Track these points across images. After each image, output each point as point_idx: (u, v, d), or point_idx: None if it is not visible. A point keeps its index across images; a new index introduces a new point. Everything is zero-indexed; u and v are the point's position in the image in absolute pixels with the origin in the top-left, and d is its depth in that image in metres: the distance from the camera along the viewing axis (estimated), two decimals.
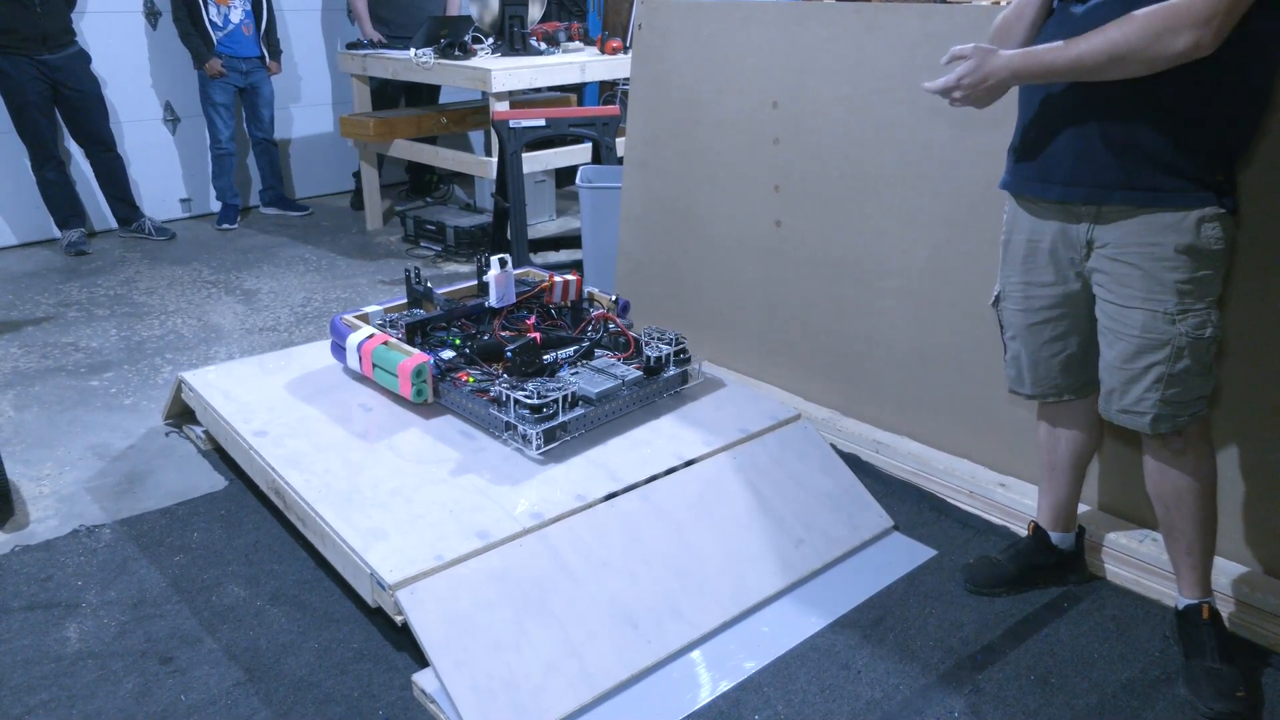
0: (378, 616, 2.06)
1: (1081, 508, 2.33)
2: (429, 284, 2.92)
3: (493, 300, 2.75)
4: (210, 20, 4.92)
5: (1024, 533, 2.29)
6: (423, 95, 5.67)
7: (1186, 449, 1.86)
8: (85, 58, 4.65)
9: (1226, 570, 2.11)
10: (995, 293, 2.05)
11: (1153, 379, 1.79)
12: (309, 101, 5.92)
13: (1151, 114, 1.67)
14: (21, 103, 4.45)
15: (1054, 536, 2.21)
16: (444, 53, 4.61)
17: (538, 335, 2.62)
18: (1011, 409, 2.47)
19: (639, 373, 2.53)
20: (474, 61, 4.53)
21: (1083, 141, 1.75)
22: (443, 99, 5.76)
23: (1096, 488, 2.36)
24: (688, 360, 2.65)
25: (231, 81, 5.06)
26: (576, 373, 2.51)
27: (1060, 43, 1.66)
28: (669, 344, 2.61)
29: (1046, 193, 1.84)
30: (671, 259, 3.30)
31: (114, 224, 5.10)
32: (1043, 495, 2.22)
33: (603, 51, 4.94)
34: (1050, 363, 2.00)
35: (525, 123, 4.06)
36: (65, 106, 4.61)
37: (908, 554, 2.34)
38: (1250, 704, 1.86)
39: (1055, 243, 1.87)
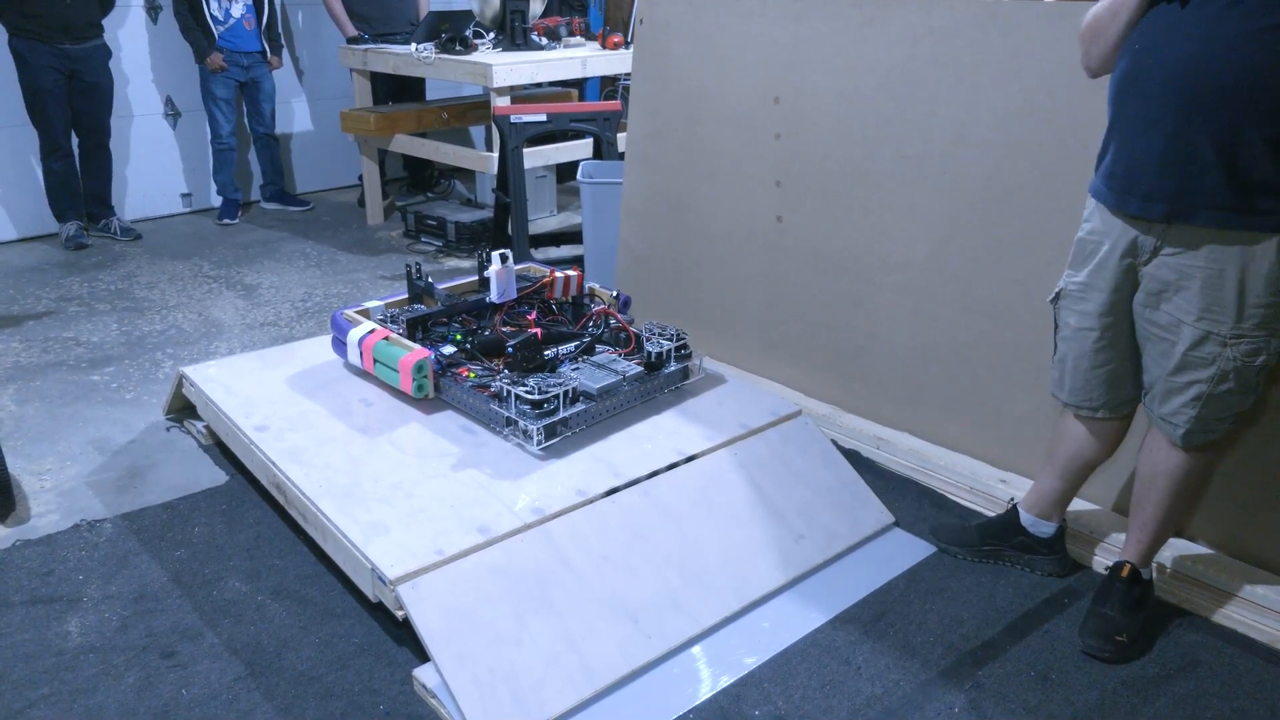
0: (379, 611, 2.06)
1: (1093, 508, 2.35)
2: (430, 279, 2.92)
3: (494, 296, 2.75)
4: (211, 14, 4.91)
5: None
6: (406, 94, 5.53)
7: (1190, 446, 1.86)
8: (106, 52, 4.67)
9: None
10: (1057, 289, 1.98)
11: (1191, 396, 1.78)
12: (310, 96, 5.91)
13: (1252, 135, 1.58)
14: (36, 89, 4.45)
15: (1025, 517, 2.21)
16: (445, 47, 4.60)
17: (539, 330, 2.61)
18: (1013, 404, 2.47)
19: (640, 368, 2.52)
20: (475, 56, 4.52)
21: (1173, 155, 1.66)
22: (429, 99, 5.69)
23: (1113, 488, 2.35)
24: (689, 356, 2.65)
25: (232, 76, 5.05)
26: (577, 368, 2.51)
27: None
28: (670, 339, 2.61)
29: (1126, 205, 1.76)
30: (672, 254, 3.29)
31: None
32: (1036, 479, 2.22)
33: (604, 46, 4.93)
34: (1092, 375, 1.95)
35: (526, 118, 4.06)
36: (76, 96, 4.61)
37: (908, 550, 2.34)
38: (1124, 651, 1.94)
39: (1123, 246, 1.80)
